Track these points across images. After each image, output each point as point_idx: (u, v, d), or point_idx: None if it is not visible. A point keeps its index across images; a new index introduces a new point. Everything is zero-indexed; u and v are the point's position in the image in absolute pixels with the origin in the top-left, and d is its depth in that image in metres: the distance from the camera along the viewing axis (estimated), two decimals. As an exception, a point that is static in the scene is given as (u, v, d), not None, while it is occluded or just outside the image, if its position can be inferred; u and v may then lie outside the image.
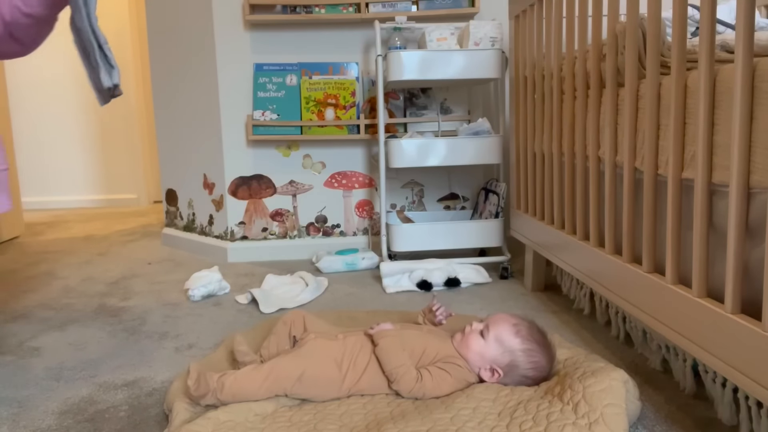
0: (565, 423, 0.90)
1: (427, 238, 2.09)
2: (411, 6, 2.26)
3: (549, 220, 1.63)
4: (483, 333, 1.10)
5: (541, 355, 1.07)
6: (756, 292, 0.80)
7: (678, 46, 0.97)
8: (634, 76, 1.12)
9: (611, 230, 1.24)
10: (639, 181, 1.13)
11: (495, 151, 2.09)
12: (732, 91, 0.82)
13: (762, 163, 0.80)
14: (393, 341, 1.08)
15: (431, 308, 1.27)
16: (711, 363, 0.87)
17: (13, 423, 1.08)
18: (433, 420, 0.95)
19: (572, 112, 1.45)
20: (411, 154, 2.06)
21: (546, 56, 1.60)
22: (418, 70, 2.02)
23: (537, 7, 1.65)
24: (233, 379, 1.02)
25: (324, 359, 1.06)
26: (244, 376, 1.03)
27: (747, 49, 0.79)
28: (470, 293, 1.84)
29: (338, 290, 1.92)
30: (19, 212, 3.09)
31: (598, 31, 1.28)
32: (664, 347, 1.15)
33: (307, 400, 1.05)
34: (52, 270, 2.26)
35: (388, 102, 2.34)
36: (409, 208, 2.44)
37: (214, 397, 1.01)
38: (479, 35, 2.06)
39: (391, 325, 1.14)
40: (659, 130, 1.05)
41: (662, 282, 1.01)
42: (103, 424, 1.06)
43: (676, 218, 0.99)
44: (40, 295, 1.94)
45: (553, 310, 1.63)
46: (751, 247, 0.84)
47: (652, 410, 1.05)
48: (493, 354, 1.07)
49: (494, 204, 2.19)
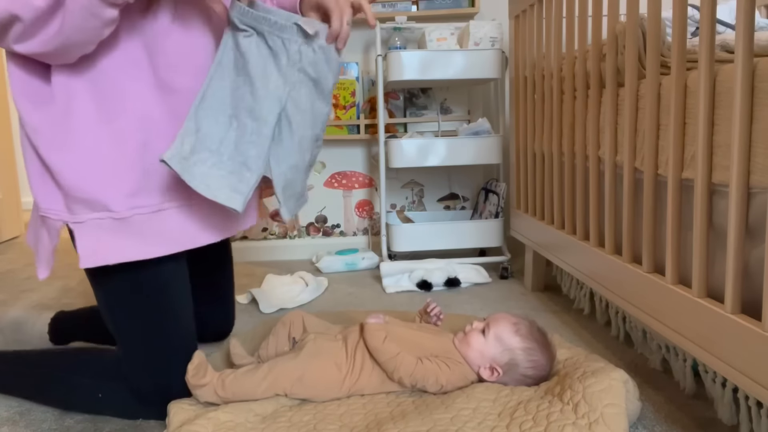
0: (565, 423, 0.90)
1: (427, 238, 2.09)
2: (411, 6, 2.26)
3: (549, 220, 1.63)
4: (484, 331, 1.10)
5: (540, 355, 1.07)
6: (756, 292, 0.80)
7: (678, 46, 0.97)
8: (634, 76, 1.12)
9: (611, 230, 1.24)
10: (639, 181, 1.13)
11: (495, 151, 2.09)
12: (732, 91, 0.82)
13: (762, 163, 0.80)
14: (381, 335, 1.07)
15: (426, 309, 1.27)
16: (711, 363, 0.87)
17: (13, 423, 1.07)
18: (433, 420, 0.95)
19: (572, 112, 1.45)
20: (411, 154, 2.06)
21: (546, 56, 1.60)
22: (418, 70, 2.02)
23: (537, 7, 1.65)
24: (233, 377, 1.02)
25: (324, 360, 1.06)
26: (244, 375, 1.03)
27: (747, 49, 0.79)
28: (470, 293, 1.84)
29: (338, 290, 1.92)
30: (19, 212, 3.09)
31: (598, 31, 1.28)
32: (664, 347, 1.15)
33: (307, 400, 1.05)
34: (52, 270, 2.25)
35: (388, 102, 2.34)
36: (409, 208, 2.44)
37: (213, 394, 1.01)
38: (479, 35, 2.06)
39: (381, 317, 1.13)
40: (659, 130, 1.05)
41: (662, 282, 1.01)
42: (103, 424, 1.06)
43: (676, 218, 0.99)
44: (39, 295, 1.94)
45: (553, 310, 1.63)
46: (751, 247, 0.84)
47: (652, 410, 1.05)
48: (492, 352, 1.07)
49: (494, 204, 2.19)
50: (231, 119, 0.96)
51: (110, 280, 1.04)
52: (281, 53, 0.96)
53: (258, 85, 0.95)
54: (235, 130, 0.96)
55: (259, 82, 0.95)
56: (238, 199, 0.95)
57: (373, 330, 1.08)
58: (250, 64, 0.95)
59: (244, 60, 0.95)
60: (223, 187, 0.94)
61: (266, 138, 0.97)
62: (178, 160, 0.93)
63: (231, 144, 0.96)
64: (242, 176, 0.96)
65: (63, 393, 1.10)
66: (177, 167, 0.92)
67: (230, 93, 0.96)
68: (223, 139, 0.96)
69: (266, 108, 0.96)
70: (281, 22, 0.95)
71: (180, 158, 0.93)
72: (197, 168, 0.94)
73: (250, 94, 0.95)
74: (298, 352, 1.08)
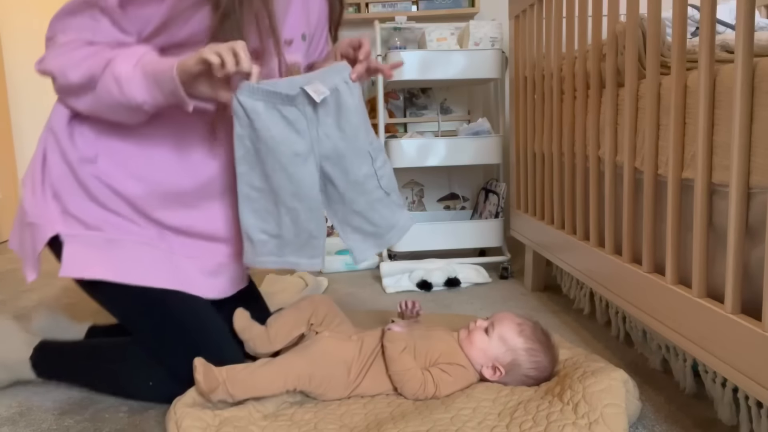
0: (565, 423, 0.90)
1: (427, 238, 2.09)
2: (411, 6, 2.27)
3: (549, 220, 1.63)
4: (488, 330, 1.10)
5: (543, 356, 1.07)
6: (756, 292, 0.80)
7: (678, 46, 0.97)
8: (634, 76, 1.12)
9: (611, 230, 1.24)
10: (639, 181, 1.13)
11: (495, 151, 2.09)
12: (732, 91, 0.82)
13: (762, 163, 0.80)
14: (400, 346, 1.07)
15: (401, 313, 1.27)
16: (711, 363, 0.87)
17: (13, 423, 1.07)
18: (433, 420, 0.95)
19: (572, 112, 1.45)
20: (411, 154, 2.06)
21: (546, 56, 1.60)
22: (418, 70, 2.02)
23: (537, 7, 1.65)
24: (245, 374, 1.01)
25: (334, 361, 1.06)
26: (255, 372, 1.02)
27: (747, 49, 0.79)
28: (470, 293, 1.84)
29: (338, 290, 1.92)
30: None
31: (598, 31, 1.28)
32: (664, 347, 1.15)
33: (312, 396, 1.05)
34: (52, 270, 2.25)
35: (388, 102, 2.34)
36: (409, 208, 2.44)
37: (225, 392, 0.99)
38: (479, 35, 2.06)
39: (403, 326, 1.13)
40: (659, 130, 1.05)
41: (662, 282, 1.01)
42: (103, 424, 1.06)
43: (676, 218, 0.99)
44: (40, 294, 1.94)
45: (553, 310, 1.63)
46: (751, 247, 0.84)
47: (652, 410, 1.05)
48: (495, 352, 1.07)
49: (494, 204, 2.19)
50: (278, 206, 0.98)
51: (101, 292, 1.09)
52: (299, 120, 0.97)
53: (290, 169, 0.97)
54: (286, 214, 0.99)
55: (288, 161, 0.96)
56: (317, 262, 1.02)
57: (394, 338, 1.08)
58: (272, 144, 0.96)
59: (265, 144, 0.96)
60: (301, 258, 1.01)
61: (318, 210, 1.01)
62: (254, 261, 1.01)
63: (290, 227, 0.99)
64: (313, 245, 1.01)
65: (118, 384, 1.13)
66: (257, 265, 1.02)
67: (264, 182, 0.98)
68: (280, 224, 0.99)
69: (307, 185, 0.98)
70: (290, 93, 0.96)
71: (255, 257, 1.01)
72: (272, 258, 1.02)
73: (286, 179, 0.97)
74: (310, 351, 1.07)
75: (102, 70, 0.95)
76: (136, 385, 1.10)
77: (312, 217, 0.98)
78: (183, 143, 1.08)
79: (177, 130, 1.07)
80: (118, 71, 0.94)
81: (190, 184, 1.10)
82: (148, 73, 0.94)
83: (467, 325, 1.13)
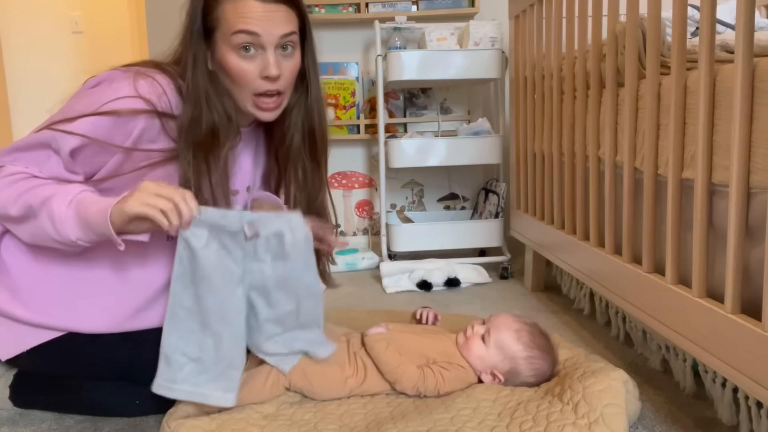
0: (565, 423, 0.90)
1: (427, 238, 2.09)
2: (411, 6, 2.27)
3: (549, 220, 1.63)
4: (484, 338, 1.08)
5: (542, 362, 1.06)
6: (756, 292, 0.80)
7: (678, 46, 0.97)
8: (634, 76, 1.12)
9: (611, 230, 1.24)
10: (639, 181, 1.13)
11: (495, 151, 2.09)
12: (732, 91, 0.82)
13: (762, 163, 0.80)
14: (383, 345, 1.07)
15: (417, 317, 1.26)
16: (711, 363, 0.87)
17: (13, 423, 1.07)
18: (433, 420, 0.95)
19: (572, 112, 1.45)
20: (411, 154, 2.06)
21: (546, 56, 1.60)
22: (418, 70, 2.02)
23: (537, 7, 1.65)
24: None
25: (327, 362, 1.06)
26: (248, 377, 1.02)
27: (747, 49, 0.79)
28: (470, 293, 1.84)
29: (338, 290, 1.90)
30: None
31: (598, 31, 1.28)
32: (664, 347, 1.15)
33: (308, 395, 1.05)
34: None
35: (388, 102, 2.34)
36: (409, 208, 2.44)
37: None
38: (479, 35, 2.06)
39: (385, 327, 1.12)
40: (659, 130, 1.05)
41: (662, 282, 1.01)
42: (103, 424, 1.06)
43: (676, 218, 0.99)
44: None
45: (553, 310, 1.63)
46: (751, 247, 0.84)
47: (652, 410, 1.05)
48: (494, 360, 1.07)
49: (494, 204, 2.19)
50: (204, 329, 0.98)
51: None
52: (236, 250, 0.98)
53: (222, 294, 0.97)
54: (210, 337, 0.98)
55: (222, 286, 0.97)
56: (230, 397, 0.98)
57: (374, 340, 1.07)
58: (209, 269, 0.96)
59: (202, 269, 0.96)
60: (215, 390, 0.97)
61: (242, 339, 1.00)
62: (166, 388, 0.97)
63: (211, 351, 0.98)
64: (230, 376, 0.98)
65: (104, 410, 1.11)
66: (167, 394, 0.97)
67: (195, 302, 0.98)
68: (202, 346, 0.98)
69: (235, 310, 0.99)
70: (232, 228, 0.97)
71: (168, 383, 0.97)
72: (185, 386, 0.97)
73: (216, 303, 0.97)
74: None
75: (39, 206, 0.95)
76: (123, 406, 1.09)
77: (235, 345, 0.99)
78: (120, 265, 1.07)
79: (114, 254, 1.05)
80: (53, 210, 0.94)
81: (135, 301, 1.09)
82: (81, 214, 0.94)
83: (464, 329, 1.12)
